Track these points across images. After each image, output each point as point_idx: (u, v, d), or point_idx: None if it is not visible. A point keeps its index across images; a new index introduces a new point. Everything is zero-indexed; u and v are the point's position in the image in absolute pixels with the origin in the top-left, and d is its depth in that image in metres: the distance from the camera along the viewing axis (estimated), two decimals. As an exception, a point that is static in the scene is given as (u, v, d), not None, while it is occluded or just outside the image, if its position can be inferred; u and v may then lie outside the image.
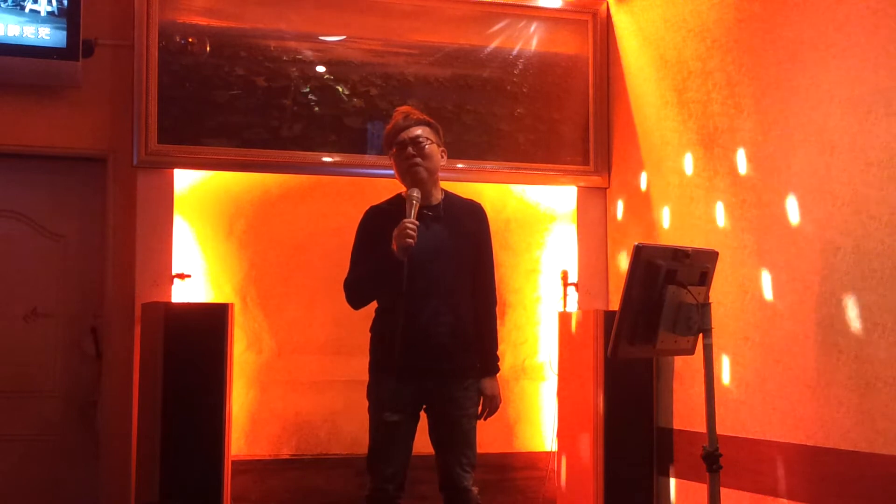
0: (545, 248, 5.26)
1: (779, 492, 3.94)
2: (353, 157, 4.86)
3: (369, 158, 4.88)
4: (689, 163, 4.58)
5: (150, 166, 4.59)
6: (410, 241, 3.41)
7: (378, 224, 3.61)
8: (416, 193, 3.52)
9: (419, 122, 3.65)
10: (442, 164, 3.68)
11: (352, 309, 3.71)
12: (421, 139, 3.60)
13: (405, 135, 3.61)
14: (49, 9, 4.34)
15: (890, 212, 3.51)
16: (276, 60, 4.78)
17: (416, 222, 3.45)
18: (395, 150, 3.63)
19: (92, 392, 4.64)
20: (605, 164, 5.22)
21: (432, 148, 3.62)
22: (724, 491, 3.24)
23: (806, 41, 3.91)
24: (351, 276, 3.66)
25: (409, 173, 3.59)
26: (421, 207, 3.53)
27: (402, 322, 3.50)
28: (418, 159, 3.58)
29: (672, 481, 4.60)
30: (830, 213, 3.75)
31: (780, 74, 4.03)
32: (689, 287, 3.20)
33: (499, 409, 3.71)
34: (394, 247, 3.44)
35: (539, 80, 5.18)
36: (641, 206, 4.95)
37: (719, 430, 3.25)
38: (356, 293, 3.65)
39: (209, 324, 4.23)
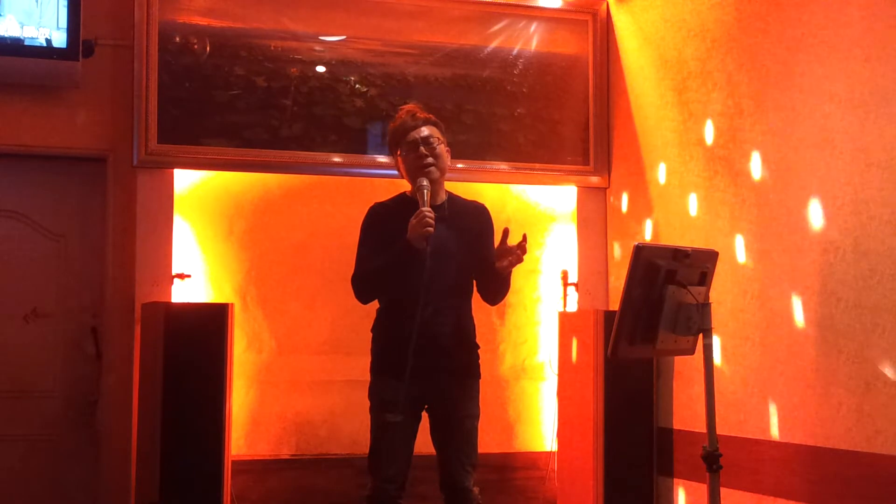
0: (545, 248, 5.26)
1: (779, 492, 3.94)
2: (353, 157, 4.86)
3: (369, 158, 4.87)
4: (688, 163, 4.58)
5: (150, 166, 4.59)
6: (430, 228, 3.40)
7: (385, 220, 3.61)
8: (425, 182, 3.51)
9: (427, 122, 3.64)
10: (447, 164, 3.68)
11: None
12: (432, 139, 3.60)
13: (416, 134, 3.60)
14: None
15: (890, 212, 3.51)
16: (276, 60, 4.78)
17: (432, 211, 3.45)
18: (404, 149, 3.62)
19: (92, 392, 4.63)
20: (605, 164, 5.22)
21: (441, 148, 3.63)
22: (724, 491, 3.24)
23: (806, 41, 3.91)
24: (363, 268, 3.61)
25: (421, 173, 3.56)
26: None
27: (404, 322, 3.48)
28: (431, 159, 3.57)
29: (672, 481, 4.60)
30: (830, 213, 3.75)
31: (780, 74, 4.03)
32: (689, 287, 3.19)
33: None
34: (409, 237, 3.42)
35: (539, 80, 5.18)
36: (641, 205, 4.95)
37: (719, 430, 3.24)
38: (370, 284, 3.61)
39: (209, 324, 4.23)
